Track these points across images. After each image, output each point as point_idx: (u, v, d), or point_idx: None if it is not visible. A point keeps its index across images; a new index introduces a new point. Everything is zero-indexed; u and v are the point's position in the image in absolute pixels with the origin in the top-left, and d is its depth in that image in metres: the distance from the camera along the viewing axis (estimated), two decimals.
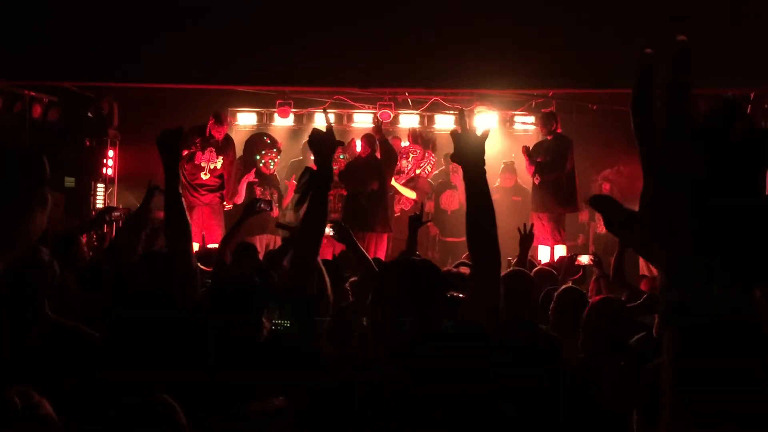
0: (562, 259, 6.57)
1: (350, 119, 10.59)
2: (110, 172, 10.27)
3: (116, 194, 10.29)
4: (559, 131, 8.28)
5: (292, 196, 9.39)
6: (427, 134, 9.95)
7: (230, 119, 10.21)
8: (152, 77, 8.58)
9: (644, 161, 0.71)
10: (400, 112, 10.30)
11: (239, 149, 9.21)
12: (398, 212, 9.01)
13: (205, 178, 8.48)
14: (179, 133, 2.95)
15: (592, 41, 7.51)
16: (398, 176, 9.23)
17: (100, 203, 9.98)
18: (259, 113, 10.74)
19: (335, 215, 7.84)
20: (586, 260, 5.67)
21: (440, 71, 8.17)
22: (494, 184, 9.15)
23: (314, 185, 2.62)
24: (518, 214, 8.00)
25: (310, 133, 2.69)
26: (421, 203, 8.42)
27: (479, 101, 9.89)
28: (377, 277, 2.23)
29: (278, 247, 4.88)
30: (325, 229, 2.77)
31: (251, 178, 8.84)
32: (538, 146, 8.38)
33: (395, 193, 9.11)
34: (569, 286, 3.91)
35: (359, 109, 10.33)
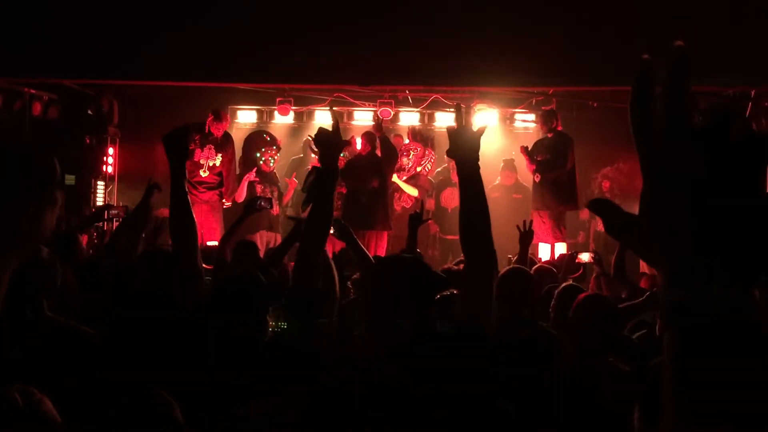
0: (562, 256, 6.56)
1: (350, 117, 10.57)
2: (110, 169, 10.26)
3: (116, 192, 10.28)
4: (559, 129, 8.27)
5: (292, 193, 9.40)
6: (426, 132, 9.94)
7: (230, 117, 10.21)
8: (152, 75, 8.56)
9: (644, 162, 0.71)
10: (400, 109, 10.29)
11: (239, 147, 9.20)
12: (399, 210, 9.00)
13: (204, 175, 8.47)
14: (187, 130, 2.94)
15: (592, 39, 7.49)
16: (400, 174, 9.23)
17: (100, 201, 9.97)
18: (259, 111, 10.71)
19: (335, 213, 7.83)
20: (586, 258, 5.67)
21: (440, 69, 8.15)
22: (494, 181, 9.15)
23: (320, 184, 2.61)
24: (518, 211, 7.98)
25: (316, 132, 2.65)
26: (421, 201, 8.42)
27: (479, 99, 9.88)
28: (370, 275, 2.20)
29: (278, 244, 4.88)
30: (330, 228, 2.75)
31: (252, 177, 8.83)
32: (538, 144, 8.37)
33: (395, 190, 9.10)
34: (569, 283, 3.91)
35: (359, 106, 10.33)
